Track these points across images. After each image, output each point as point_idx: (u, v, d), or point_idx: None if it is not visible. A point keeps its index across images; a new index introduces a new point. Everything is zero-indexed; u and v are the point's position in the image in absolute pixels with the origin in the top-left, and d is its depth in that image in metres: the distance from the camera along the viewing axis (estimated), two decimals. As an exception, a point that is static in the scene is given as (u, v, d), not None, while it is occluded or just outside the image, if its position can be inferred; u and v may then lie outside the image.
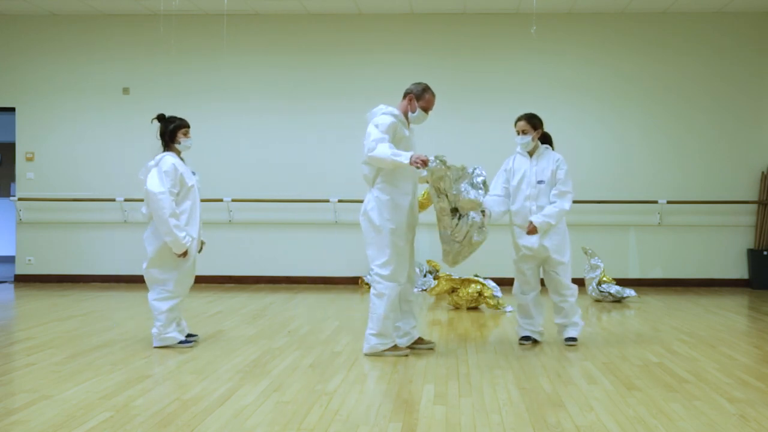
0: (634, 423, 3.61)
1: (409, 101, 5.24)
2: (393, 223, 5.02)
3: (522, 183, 5.50)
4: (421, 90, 5.24)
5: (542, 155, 5.51)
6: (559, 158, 5.47)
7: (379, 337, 5.05)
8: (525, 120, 5.52)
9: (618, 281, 8.43)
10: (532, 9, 9.05)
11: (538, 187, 5.43)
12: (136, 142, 9.32)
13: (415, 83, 5.32)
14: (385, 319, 5.03)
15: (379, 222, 5.01)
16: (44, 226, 9.73)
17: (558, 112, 9.26)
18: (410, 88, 5.29)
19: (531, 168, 5.49)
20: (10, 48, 9.77)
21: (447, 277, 7.57)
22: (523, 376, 4.60)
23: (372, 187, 5.11)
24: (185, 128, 5.45)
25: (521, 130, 5.52)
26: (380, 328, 5.03)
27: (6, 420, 3.61)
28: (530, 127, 5.49)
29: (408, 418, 3.69)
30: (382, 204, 5.02)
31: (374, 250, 5.06)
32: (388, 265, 5.03)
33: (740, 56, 9.36)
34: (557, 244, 5.42)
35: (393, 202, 5.04)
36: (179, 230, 5.20)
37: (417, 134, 5.46)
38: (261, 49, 9.63)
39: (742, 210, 9.35)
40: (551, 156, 5.50)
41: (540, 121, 5.57)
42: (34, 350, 5.26)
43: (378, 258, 5.04)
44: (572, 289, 5.51)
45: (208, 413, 3.75)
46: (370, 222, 5.05)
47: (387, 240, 5.01)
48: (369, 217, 5.06)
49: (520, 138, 5.53)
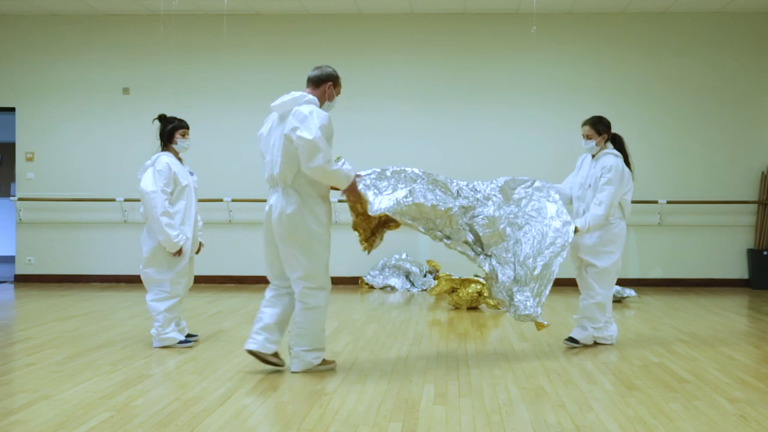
0: (634, 423, 3.61)
1: (327, 88, 4.60)
2: (317, 226, 4.47)
3: (577, 183, 5.52)
4: (337, 74, 4.64)
5: (600, 160, 5.42)
6: (606, 165, 5.32)
7: (315, 352, 4.60)
8: (589, 125, 5.46)
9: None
10: (532, 9, 9.06)
11: (587, 191, 5.40)
12: (136, 142, 9.31)
13: (319, 67, 4.65)
14: (321, 332, 4.60)
15: (302, 225, 4.42)
16: (44, 226, 9.73)
17: (558, 112, 9.28)
18: (327, 72, 4.60)
19: (589, 171, 5.46)
20: (10, 48, 9.77)
21: (447, 277, 7.57)
22: (523, 376, 4.60)
23: (288, 187, 4.47)
24: (183, 129, 5.47)
25: (586, 135, 5.47)
26: (316, 343, 4.58)
27: (6, 420, 3.61)
28: (594, 132, 5.44)
29: (408, 418, 3.69)
30: (305, 205, 4.44)
31: (297, 259, 4.45)
32: (318, 274, 4.50)
33: (740, 56, 9.36)
34: (592, 246, 5.33)
35: (319, 203, 4.49)
36: (171, 229, 5.20)
37: (418, 138, 5.41)
38: (261, 49, 9.64)
39: (741, 210, 9.34)
40: (605, 162, 5.36)
41: (605, 124, 5.48)
42: (34, 350, 5.26)
43: (303, 268, 4.46)
44: (595, 292, 5.33)
45: (208, 413, 3.75)
46: (292, 226, 4.42)
47: (313, 245, 4.45)
48: (290, 221, 4.42)
49: (584, 142, 5.48)
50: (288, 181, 4.45)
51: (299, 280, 4.50)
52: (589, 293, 5.37)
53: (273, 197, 4.54)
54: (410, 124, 9.45)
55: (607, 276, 5.36)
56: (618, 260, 5.41)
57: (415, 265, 9.23)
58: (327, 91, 4.59)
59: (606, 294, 5.38)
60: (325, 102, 4.59)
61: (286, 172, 4.44)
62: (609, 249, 5.35)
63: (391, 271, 9.23)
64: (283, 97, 4.49)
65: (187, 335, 5.53)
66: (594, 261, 5.33)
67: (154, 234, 5.25)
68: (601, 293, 5.35)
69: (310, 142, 4.25)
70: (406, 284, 9.08)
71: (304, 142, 4.27)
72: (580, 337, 5.44)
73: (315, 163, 4.27)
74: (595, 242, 5.33)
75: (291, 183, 4.45)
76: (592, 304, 5.35)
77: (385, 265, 9.27)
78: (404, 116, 9.47)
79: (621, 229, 5.41)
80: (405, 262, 9.23)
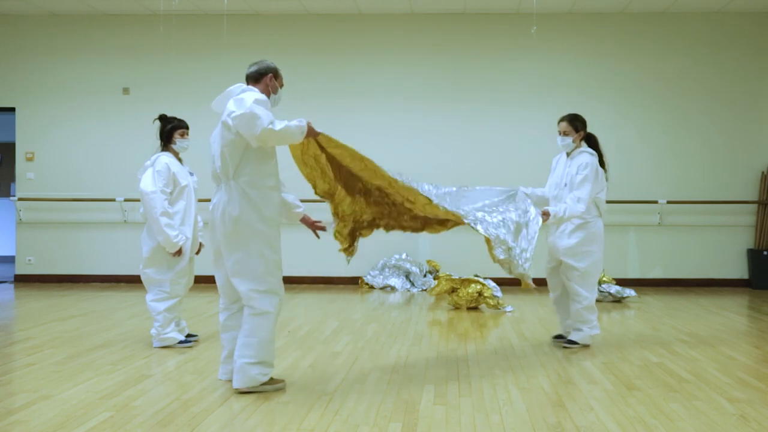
0: (634, 423, 3.62)
1: (269, 80, 4.32)
2: (263, 224, 4.12)
3: (553, 182, 5.50)
4: (275, 66, 4.37)
5: (575, 158, 5.40)
6: (582, 163, 5.30)
7: (262, 366, 4.12)
8: (567, 122, 5.46)
9: (618, 281, 8.43)
10: (532, 9, 9.06)
11: (563, 190, 5.37)
12: (136, 142, 9.31)
13: (256, 63, 4.39)
14: (270, 343, 4.15)
15: (246, 224, 4.09)
16: (44, 226, 9.73)
17: (558, 112, 9.18)
18: (265, 65, 4.35)
19: (564, 170, 5.44)
20: (10, 48, 9.77)
21: (447, 277, 7.57)
22: (523, 376, 4.60)
23: (230, 181, 4.14)
24: (182, 129, 5.47)
25: (563, 131, 5.45)
26: (263, 355, 4.12)
27: (6, 420, 3.61)
28: (572, 129, 5.43)
29: (408, 418, 3.69)
30: (249, 202, 4.10)
31: (244, 260, 4.09)
32: (267, 276, 4.12)
33: (740, 56, 9.36)
34: (572, 247, 5.31)
35: (264, 199, 4.14)
36: (171, 229, 5.21)
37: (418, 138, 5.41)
38: (261, 49, 9.62)
39: (742, 210, 9.34)
40: (581, 159, 5.35)
41: (582, 122, 5.48)
42: (34, 350, 5.26)
43: (250, 270, 4.10)
44: (582, 296, 5.32)
45: (208, 413, 3.75)
46: (236, 224, 4.08)
47: (261, 245, 4.11)
48: (234, 219, 4.09)
49: (561, 139, 5.46)
50: (230, 175, 4.12)
51: (245, 281, 4.11)
52: (576, 299, 5.34)
53: (216, 195, 4.24)
54: (410, 124, 9.44)
55: (589, 277, 5.35)
56: (598, 260, 5.40)
57: (415, 265, 9.23)
58: (270, 84, 4.30)
59: (592, 296, 5.37)
60: (270, 96, 4.28)
61: (227, 164, 4.12)
62: (589, 249, 5.33)
63: (391, 271, 9.23)
64: (220, 95, 4.30)
65: (187, 335, 5.53)
66: (575, 263, 5.30)
67: (154, 234, 5.26)
68: (587, 296, 5.34)
69: (246, 113, 3.92)
70: (406, 284, 9.08)
71: (240, 115, 3.94)
72: (577, 338, 5.44)
73: (258, 129, 3.90)
74: (575, 243, 5.31)
75: (233, 177, 4.11)
76: (580, 309, 5.35)
77: (385, 265, 9.27)
78: (404, 116, 9.46)
79: (599, 228, 5.42)
80: (405, 262, 9.23)
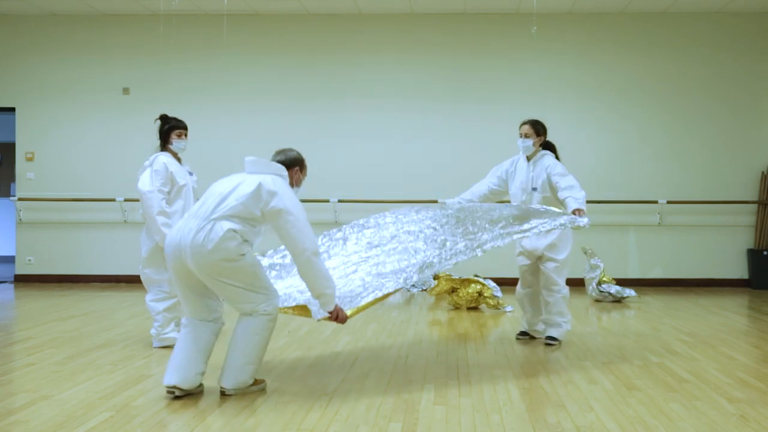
0: (634, 423, 3.62)
1: (295, 173, 4.18)
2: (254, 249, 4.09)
3: (518, 188, 5.58)
4: (303, 158, 4.25)
5: (538, 162, 5.54)
6: (547, 164, 5.47)
7: (256, 366, 4.13)
8: (529, 125, 5.60)
9: (618, 281, 8.42)
10: (532, 9, 9.05)
11: (532, 194, 5.50)
12: (136, 142, 9.30)
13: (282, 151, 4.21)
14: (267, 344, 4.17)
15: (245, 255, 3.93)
16: (44, 226, 9.72)
17: (558, 112, 9.26)
18: (293, 156, 4.19)
19: (528, 174, 5.55)
20: (10, 48, 9.77)
21: (447, 277, 7.57)
22: (523, 376, 4.60)
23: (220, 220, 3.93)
24: (179, 130, 5.47)
25: (524, 134, 5.58)
26: (261, 354, 4.14)
27: (6, 420, 3.61)
28: (533, 132, 5.56)
29: (408, 418, 3.69)
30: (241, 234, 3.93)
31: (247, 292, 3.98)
32: (271, 298, 4.06)
33: (740, 56, 9.35)
34: (552, 243, 5.44)
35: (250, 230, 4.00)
36: (168, 228, 5.20)
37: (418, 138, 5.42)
38: (261, 49, 9.63)
39: (742, 210, 9.34)
40: (545, 162, 5.50)
41: (544, 128, 5.63)
42: (34, 350, 5.26)
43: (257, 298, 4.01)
44: (560, 286, 5.47)
45: (207, 413, 3.75)
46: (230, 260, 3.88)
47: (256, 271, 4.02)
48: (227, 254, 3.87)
49: (521, 141, 5.59)
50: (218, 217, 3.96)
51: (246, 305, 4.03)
52: (554, 288, 5.47)
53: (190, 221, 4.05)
54: (410, 124, 9.44)
55: (564, 268, 5.51)
56: (570, 255, 5.55)
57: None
58: (295, 177, 4.17)
59: (566, 289, 5.52)
60: (293, 188, 4.14)
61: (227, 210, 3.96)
62: (565, 243, 5.48)
63: (391, 271, 9.21)
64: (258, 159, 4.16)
65: (187, 335, 5.52)
66: (554, 255, 5.44)
67: (153, 234, 5.25)
68: (563, 286, 5.50)
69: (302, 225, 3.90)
70: (406, 284, 9.06)
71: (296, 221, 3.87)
72: (557, 334, 5.53)
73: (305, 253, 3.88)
74: (555, 239, 5.44)
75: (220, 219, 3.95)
76: (559, 298, 5.48)
77: (385, 265, 9.25)
78: (404, 116, 9.46)
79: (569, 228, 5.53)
80: (405, 262, 9.21)
